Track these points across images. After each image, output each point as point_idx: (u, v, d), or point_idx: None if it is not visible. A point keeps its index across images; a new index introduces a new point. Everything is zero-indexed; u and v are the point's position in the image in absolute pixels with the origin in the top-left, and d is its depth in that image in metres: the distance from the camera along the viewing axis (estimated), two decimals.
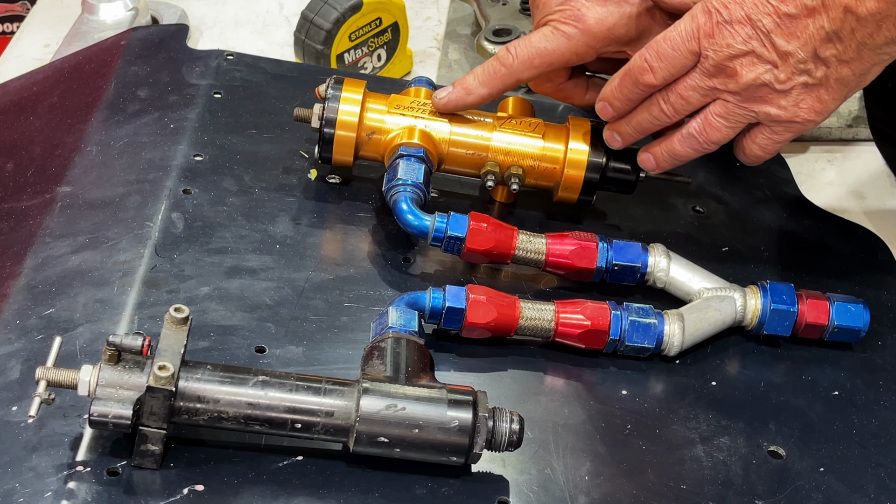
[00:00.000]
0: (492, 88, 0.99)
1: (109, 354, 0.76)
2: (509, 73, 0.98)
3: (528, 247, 0.95)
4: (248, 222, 0.98)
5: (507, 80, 0.99)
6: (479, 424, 0.79)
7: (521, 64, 0.98)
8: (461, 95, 0.99)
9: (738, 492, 0.84)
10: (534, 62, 0.98)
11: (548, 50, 0.97)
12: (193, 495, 0.77)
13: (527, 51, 0.97)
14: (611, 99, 0.96)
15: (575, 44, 0.97)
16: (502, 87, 0.99)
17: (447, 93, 1.00)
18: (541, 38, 0.97)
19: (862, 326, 0.95)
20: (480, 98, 0.99)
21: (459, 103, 1.00)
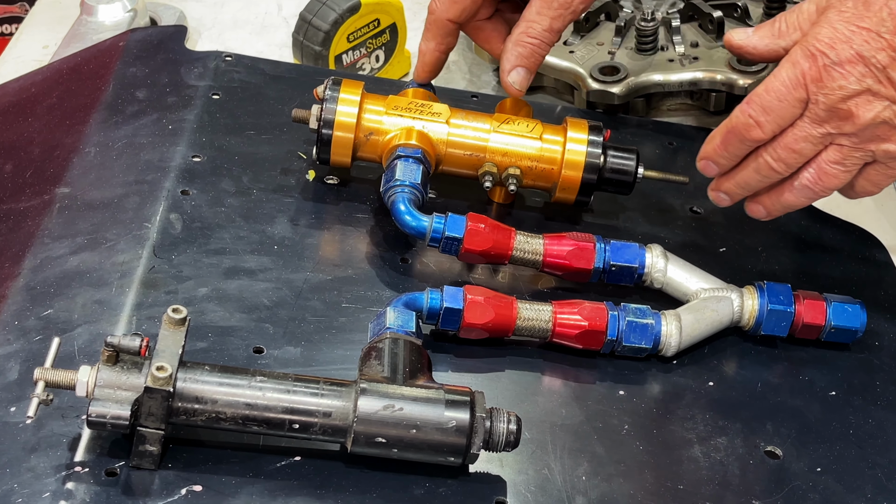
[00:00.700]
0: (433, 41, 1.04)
1: (108, 355, 0.76)
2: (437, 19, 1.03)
3: (525, 247, 0.96)
4: (246, 223, 0.98)
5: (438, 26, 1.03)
6: (477, 425, 0.79)
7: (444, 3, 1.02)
8: (421, 62, 1.05)
9: (735, 492, 0.84)
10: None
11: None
12: (191, 496, 0.77)
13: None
14: (715, 157, 0.93)
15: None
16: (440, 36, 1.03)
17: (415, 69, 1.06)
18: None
19: (859, 327, 0.95)
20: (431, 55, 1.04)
21: (424, 69, 1.05)
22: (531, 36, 1.01)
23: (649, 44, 1.24)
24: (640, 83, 1.22)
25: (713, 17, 1.25)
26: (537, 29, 1.01)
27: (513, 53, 1.01)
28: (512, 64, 1.02)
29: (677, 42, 1.25)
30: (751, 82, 1.21)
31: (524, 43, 1.01)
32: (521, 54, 1.01)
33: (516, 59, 1.01)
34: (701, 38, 1.25)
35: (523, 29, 1.01)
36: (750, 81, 1.21)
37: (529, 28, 1.01)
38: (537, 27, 1.01)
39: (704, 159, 0.95)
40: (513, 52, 1.01)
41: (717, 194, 0.97)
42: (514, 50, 1.01)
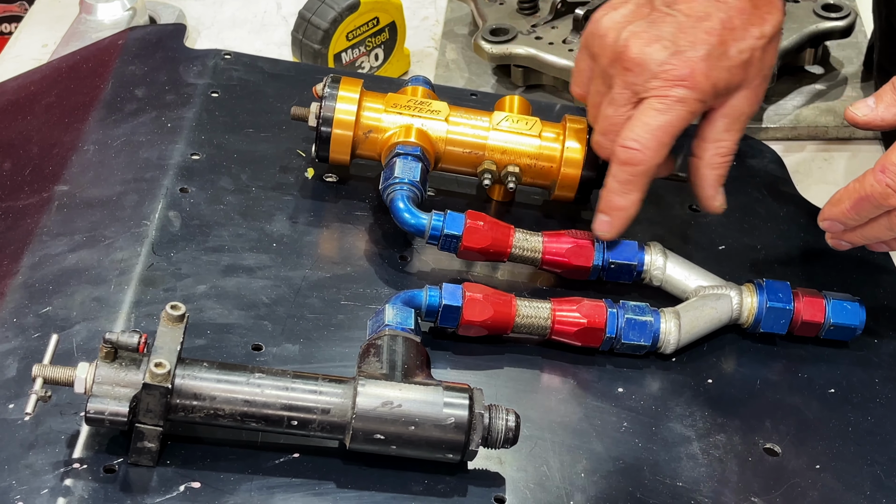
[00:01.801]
0: (639, 193, 0.93)
1: (106, 352, 0.76)
2: (647, 169, 0.91)
3: (524, 245, 0.95)
4: (245, 221, 0.98)
5: (647, 176, 0.92)
6: (476, 421, 0.79)
7: (653, 152, 0.91)
8: (621, 218, 0.93)
9: (733, 489, 0.84)
10: (663, 142, 0.90)
11: (670, 123, 0.90)
12: (190, 492, 0.77)
13: (651, 134, 0.90)
14: (843, 219, 0.91)
15: (691, 106, 0.90)
16: (646, 186, 0.92)
17: (606, 224, 0.94)
18: (654, 115, 0.90)
19: (858, 324, 0.95)
20: (635, 209, 0.93)
21: (622, 225, 0.94)
22: (723, 156, 0.95)
23: None
24: None
25: None
26: (729, 147, 0.95)
27: (712, 177, 0.95)
28: (714, 188, 0.96)
29: None
30: None
31: (720, 165, 0.95)
32: (721, 175, 0.96)
33: (717, 181, 0.95)
34: None
35: (715, 151, 0.94)
36: None
37: (720, 148, 0.94)
38: (729, 145, 0.95)
39: (830, 220, 0.92)
40: (711, 175, 0.95)
41: (839, 243, 0.95)
42: (713, 174, 0.95)
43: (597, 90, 0.95)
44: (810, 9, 1.30)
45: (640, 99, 0.91)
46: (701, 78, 0.89)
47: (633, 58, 0.90)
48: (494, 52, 1.29)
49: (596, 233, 0.95)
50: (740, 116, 0.94)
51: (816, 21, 1.29)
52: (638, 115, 0.91)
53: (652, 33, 0.90)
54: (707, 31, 0.90)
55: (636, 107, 0.91)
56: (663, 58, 0.89)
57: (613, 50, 0.91)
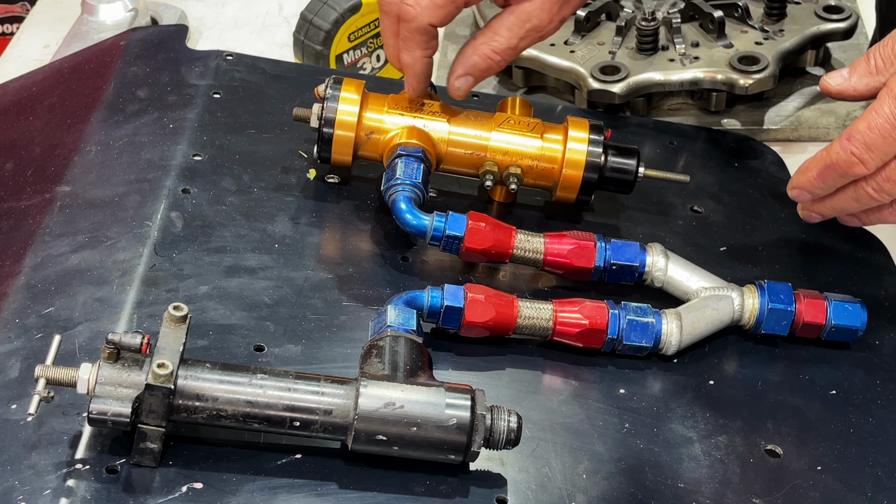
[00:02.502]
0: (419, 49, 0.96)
1: (108, 352, 0.76)
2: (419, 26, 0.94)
3: (526, 246, 0.96)
4: (247, 222, 0.99)
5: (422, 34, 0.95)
6: (478, 423, 0.79)
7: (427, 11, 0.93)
8: (411, 74, 0.98)
9: (735, 490, 0.84)
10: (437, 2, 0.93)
11: None
12: (192, 493, 0.77)
13: None
14: (810, 188, 0.92)
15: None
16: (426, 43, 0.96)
17: (407, 85, 0.99)
18: None
19: (859, 326, 0.95)
20: (421, 65, 0.97)
21: (415, 82, 0.99)
22: (494, 50, 0.96)
23: (650, 43, 1.24)
24: (640, 83, 1.22)
25: (714, 17, 1.25)
26: (502, 44, 0.96)
27: (469, 61, 0.97)
28: (465, 70, 0.98)
29: (678, 42, 1.25)
30: (751, 82, 1.21)
31: (483, 56, 0.97)
32: (477, 65, 0.97)
33: (471, 67, 0.97)
34: (702, 38, 1.26)
35: (487, 39, 0.97)
36: (750, 81, 1.21)
37: (494, 41, 0.96)
38: (503, 42, 0.96)
39: (798, 188, 0.94)
40: (470, 59, 0.97)
41: (809, 213, 0.96)
42: (472, 58, 0.97)
43: None
44: (812, 10, 1.30)
45: None
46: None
47: None
48: None
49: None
50: (526, 22, 0.95)
51: (818, 23, 1.29)
52: None
53: None
54: None
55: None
56: None
57: None
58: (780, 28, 1.28)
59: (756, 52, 1.23)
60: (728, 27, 1.26)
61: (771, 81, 1.22)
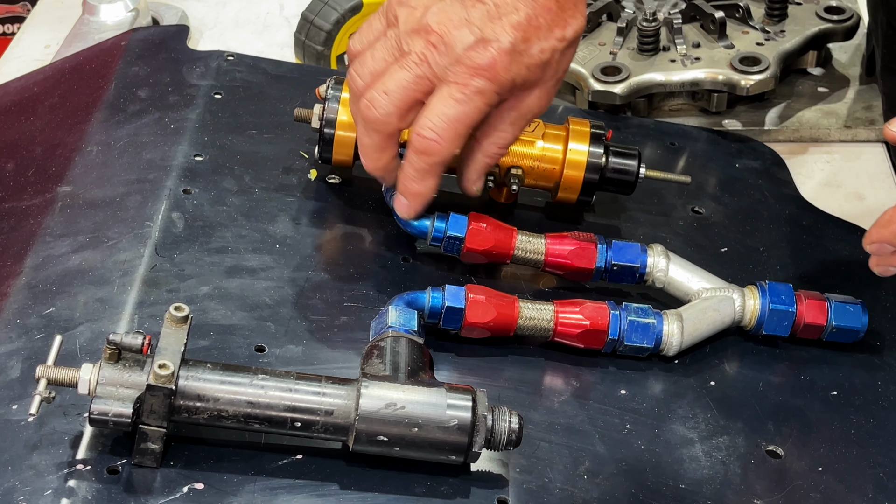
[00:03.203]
0: (435, 179, 0.91)
1: (110, 353, 0.76)
2: (442, 159, 0.90)
3: (527, 247, 0.96)
4: (248, 222, 0.99)
5: (442, 165, 0.90)
6: (479, 423, 0.79)
7: (449, 143, 0.89)
8: (419, 202, 0.92)
9: (736, 491, 0.84)
10: (459, 133, 0.89)
11: (467, 114, 0.88)
12: (193, 493, 0.77)
13: (448, 124, 0.88)
14: (894, 240, 0.90)
15: (489, 98, 0.88)
16: (441, 172, 0.91)
17: (405, 206, 0.93)
18: (453, 105, 0.88)
19: (860, 327, 0.95)
20: (432, 192, 0.92)
21: (420, 207, 0.93)
22: (500, 147, 0.94)
23: (651, 44, 1.24)
24: (641, 83, 1.22)
25: (715, 18, 1.25)
26: (508, 140, 0.94)
27: (481, 164, 0.94)
28: (478, 174, 0.95)
29: (679, 42, 1.25)
30: (752, 83, 1.21)
31: (494, 154, 0.94)
32: (488, 164, 0.95)
33: (483, 168, 0.95)
34: (702, 39, 1.26)
35: (493, 140, 0.93)
36: (751, 82, 1.21)
37: (499, 139, 0.93)
38: (508, 138, 0.94)
39: (878, 242, 0.91)
40: (481, 162, 0.94)
41: (887, 268, 0.93)
42: (482, 160, 0.94)
43: (382, 55, 0.90)
44: (813, 11, 1.30)
45: (436, 81, 0.89)
46: (502, 71, 0.88)
47: (441, 35, 0.88)
48: None
49: (397, 211, 0.94)
50: (527, 114, 0.93)
51: (819, 23, 1.29)
52: (435, 104, 0.88)
53: (461, 15, 0.89)
54: (514, 24, 0.89)
55: (429, 86, 0.89)
56: (469, 43, 0.88)
57: (420, 22, 0.89)
58: (781, 29, 1.28)
59: (757, 52, 1.23)
60: (729, 28, 1.26)
61: (772, 82, 1.22)
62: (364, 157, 0.92)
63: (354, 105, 0.92)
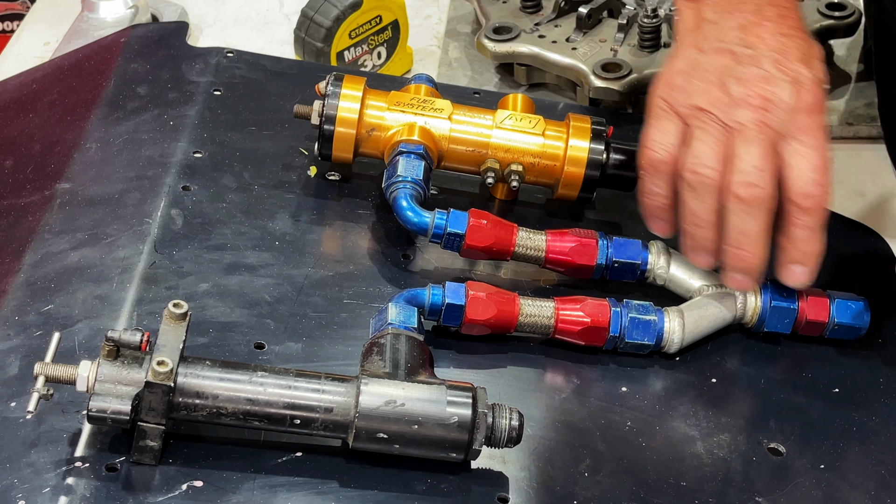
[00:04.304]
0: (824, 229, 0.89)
1: (108, 350, 0.76)
2: (827, 208, 0.88)
3: (527, 244, 0.95)
4: (247, 219, 0.98)
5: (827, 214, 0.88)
6: (479, 421, 0.79)
7: (830, 188, 0.87)
8: (818, 262, 0.90)
9: (738, 489, 0.84)
10: (830, 174, 0.88)
11: (828, 153, 0.87)
12: (192, 491, 0.77)
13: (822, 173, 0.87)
14: None
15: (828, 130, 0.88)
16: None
17: (806, 273, 0.90)
18: (814, 153, 0.87)
19: (862, 324, 0.95)
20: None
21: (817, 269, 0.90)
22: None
23: (652, 40, 1.24)
24: (642, 80, 1.21)
25: None
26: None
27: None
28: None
29: None
30: None
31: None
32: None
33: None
34: None
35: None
36: None
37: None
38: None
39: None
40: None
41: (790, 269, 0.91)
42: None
43: (714, 140, 0.87)
44: (814, 7, 1.30)
45: (779, 140, 0.86)
46: (823, 101, 0.87)
47: (762, 95, 0.86)
48: (497, 51, 1.28)
49: (793, 285, 0.91)
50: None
51: (820, 19, 1.29)
52: (799, 160, 0.87)
53: (756, 72, 0.87)
54: (798, 58, 0.87)
55: (776, 148, 0.87)
56: (790, 90, 0.86)
57: (728, 95, 0.87)
58: None
59: None
60: None
61: None
62: (747, 249, 0.88)
63: (714, 198, 0.87)
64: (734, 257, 0.89)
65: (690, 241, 0.90)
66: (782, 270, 0.90)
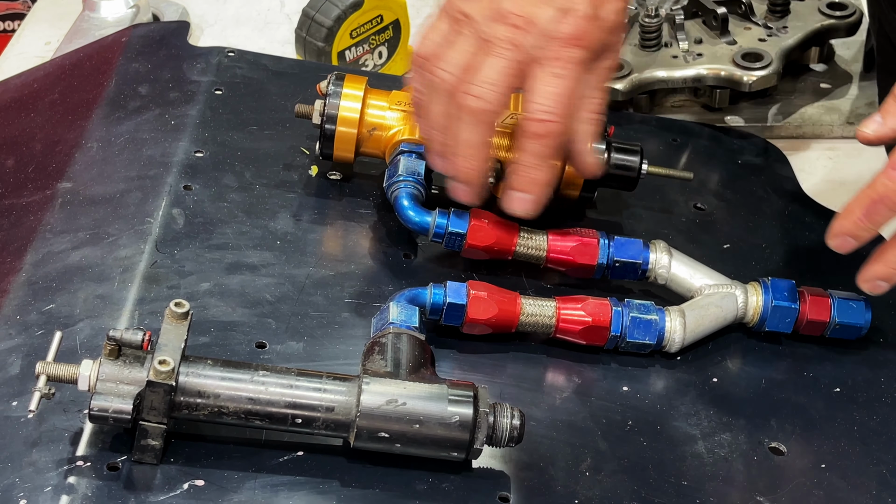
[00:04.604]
0: (554, 160, 0.91)
1: (110, 349, 0.76)
2: (561, 139, 0.89)
3: (529, 243, 0.95)
4: (248, 218, 0.98)
5: (561, 145, 0.90)
6: (480, 420, 0.79)
7: (566, 119, 0.88)
8: (545, 192, 0.90)
9: (739, 488, 0.84)
10: (569, 107, 0.89)
11: (572, 88, 0.88)
12: (193, 490, 0.77)
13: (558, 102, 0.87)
14: (856, 232, 0.87)
15: (585, 66, 0.88)
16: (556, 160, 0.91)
17: (528, 202, 0.90)
18: (557, 82, 0.87)
19: (863, 324, 0.95)
20: (554, 178, 0.93)
21: (545, 199, 0.91)
22: (595, 112, 0.92)
23: (653, 40, 1.24)
24: (643, 79, 1.21)
25: (717, 14, 1.25)
26: (599, 103, 0.92)
27: (585, 133, 0.92)
28: (586, 144, 0.92)
29: (681, 38, 1.24)
30: (754, 79, 1.20)
31: (590, 120, 0.92)
32: (592, 132, 0.92)
33: (590, 137, 0.92)
34: (705, 35, 1.25)
35: (587, 107, 0.91)
36: (754, 78, 1.20)
37: (592, 105, 0.91)
38: (599, 102, 0.92)
39: (841, 236, 0.88)
40: (585, 131, 0.92)
41: (875, 283, 0.90)
42: (586, 129, 0.92)
43: (466, 49, 0.88)
44: (815, 7, 1.30)
45: (530, 62, 0.87)
46: (589, 38, 0.88)
47: (522, 16, 0.87)
48: None
49: (516, 212, 0.91)
50: (607, 76, 0.92)
51: (821, 19, 1.29)
52: (539, 85, 0.87)
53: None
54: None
55: (523, 69, 0.88)
56: (551, 17, 0.87)
57: (496, 10, 0.88)
58: (784, 25, 1.27)
59: (759, 48, 1.23)
60: (731, 24, 1.26)
61: (774, 78, 1.22)
62: (465, 158, 0.89)
63: (446, 102, 0.88)
64: (453, 165, 0.90)
65: (426, 142, 0.93)
66: (503, 196, 0.91)
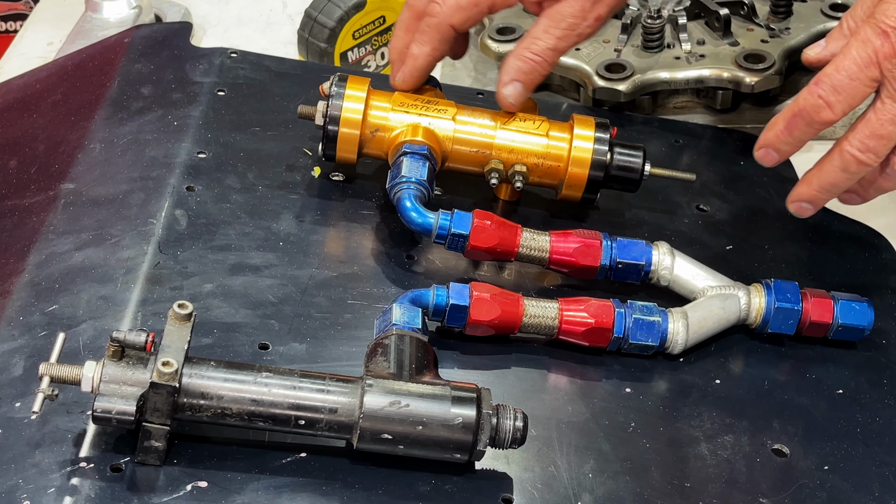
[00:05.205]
0: (430, 45, 0.99)
1: (113, 350, 0.76)
2: (439, 23, 0.98)
3: (531, 244, 0.95)
4: (251, 219, 0.98)
5: (439, 31, 0.99)
6: (483, 421, 0.79)
7: (450, 9, 0.98)
8: (410, 66, 1.00)
9: (742, 490, 0.84)
10: (461, 4, 0.98)
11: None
12: (197, 492, 0.77)
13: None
14: (777, 144, 0.90)
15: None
16: (439, 42, 0.99)
17: (401, 74, 1.01)
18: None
19: (866, 325, 0.95)
20: (424, 60, 1.00)
21: (411, 74, 1.01)
22: (533, 52, 0.99)
23: (655, 41, 1.24)
24: (646, 81, 1.21)
25: (719, 15, 1.25)
26: (541, 46, 0.98)
27: (512, 67, 0.99)
28: (510, 77, 1.00)
29: (683, 39, 1.24)
30: (757, 80, 1.20)
31: (525, 58, 0.99)
32: (521, 69, 0.99)
33: (515, 73, 0.99)
34: (707, 36, 1.25)
35: (527, 44, 0.99)
36: (756, 79, 1.20)
37: (533, 44, 0.99)
38: (541, 44, 0.98)
39: (765, 147, 0.91)
40: (513, 65, 0.99)
41: (800, 205, 0.93)
42: (514, 64, 0.99)
43: None
44: (818, 8, 1.30)
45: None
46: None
47: None
48: (501, 51, 1.28)
49: (392, 83, 1.01)
50: (561, 21, 0.97)
51: (824, 20, 1.29)
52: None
53: None
54: None
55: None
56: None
57: None
58: (786, 26, 1.27)
59: (762, 49, 1.23)
60: (734, 25, 1.26)
61: (777, 79, 1.22)
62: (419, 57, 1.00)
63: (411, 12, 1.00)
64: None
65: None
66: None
